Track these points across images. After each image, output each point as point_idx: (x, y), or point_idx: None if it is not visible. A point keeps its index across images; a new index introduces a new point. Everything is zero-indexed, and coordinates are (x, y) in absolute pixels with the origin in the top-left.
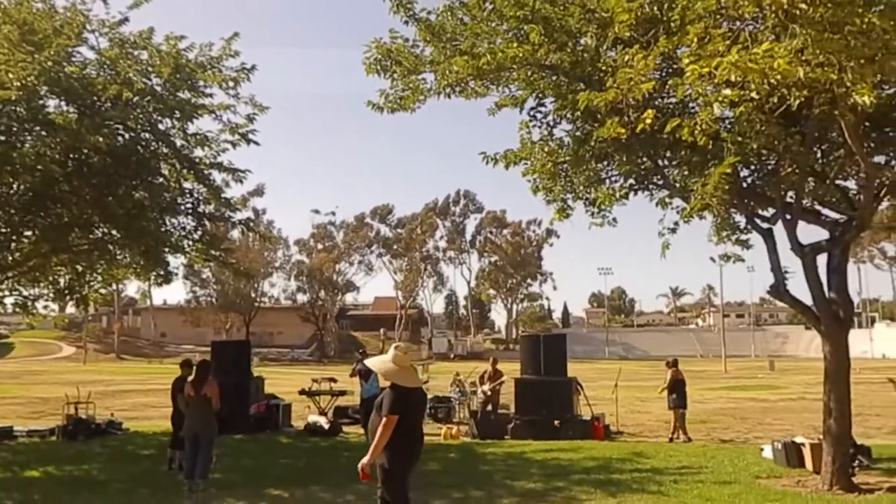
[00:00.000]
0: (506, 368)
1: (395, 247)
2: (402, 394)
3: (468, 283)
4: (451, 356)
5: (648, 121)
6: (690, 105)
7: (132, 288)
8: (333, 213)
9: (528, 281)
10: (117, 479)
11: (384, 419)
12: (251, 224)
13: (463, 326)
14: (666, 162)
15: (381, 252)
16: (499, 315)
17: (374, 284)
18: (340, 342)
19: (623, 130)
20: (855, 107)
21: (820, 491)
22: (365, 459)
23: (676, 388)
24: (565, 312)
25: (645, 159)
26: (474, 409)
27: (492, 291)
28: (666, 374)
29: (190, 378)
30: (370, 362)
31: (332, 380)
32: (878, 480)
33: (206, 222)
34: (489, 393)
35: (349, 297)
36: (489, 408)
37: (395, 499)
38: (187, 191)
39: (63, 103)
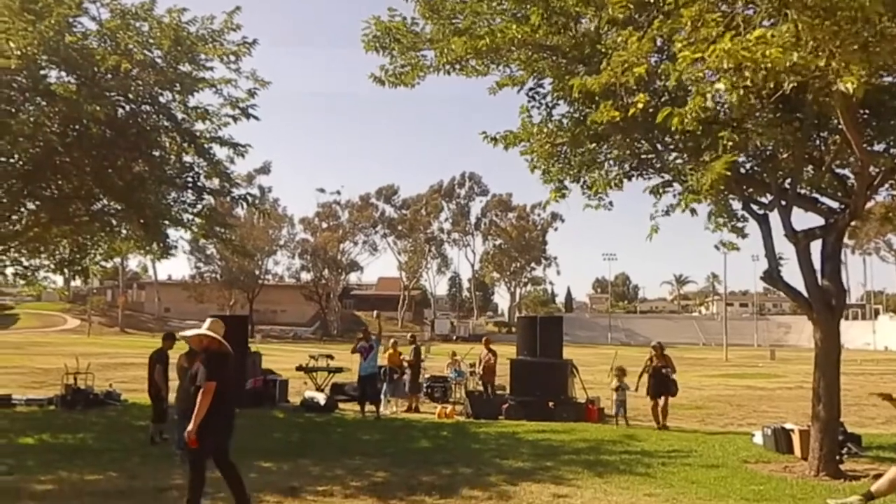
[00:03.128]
0: (504, 350)
1: (399, 227)
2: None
3: (472, 265)
4: (454, 338)
5: (640, 105)
6: (687, 88)
7: (135, 262)
8: (339, 193)
9: (532, 265)
10: (111, 448)
11: (204, 386)
12: (252, 199)
13: (466, 309)
14: (661, 147)
15: (386, 232)
16: (502, 298)
17: (379, 265)
18: (343, 321)
19: (617, 113)
20: (845, 94)
21: (806, 476)
22: (190, 426)
23: (659, 374)
24: (569, 297)
25: (643, 142)
26: (470, 390)
27: (495, 274)
28: (664, 359)
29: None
30: (184, 334)
31: (330, 356)
32: (866, 468)
33: (207, 196)
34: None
35: (353, 277)
36: (486, 388)
37: (194, 465)
38: (187, 164)
39: (63, 73)
